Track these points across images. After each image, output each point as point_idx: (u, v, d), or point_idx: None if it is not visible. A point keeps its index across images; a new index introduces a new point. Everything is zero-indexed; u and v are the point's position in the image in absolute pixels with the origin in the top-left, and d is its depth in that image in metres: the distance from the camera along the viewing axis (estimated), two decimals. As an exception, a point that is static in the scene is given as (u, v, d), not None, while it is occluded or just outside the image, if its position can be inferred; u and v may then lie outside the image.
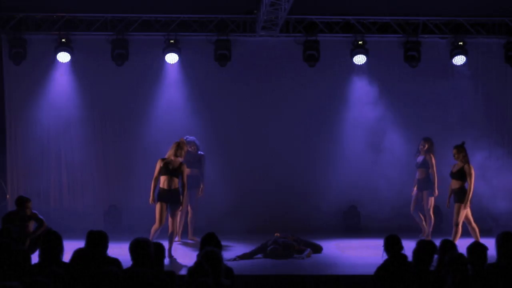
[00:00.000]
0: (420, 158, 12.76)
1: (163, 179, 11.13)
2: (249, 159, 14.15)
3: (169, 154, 11.20)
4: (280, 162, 14.14)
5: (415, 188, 12.73)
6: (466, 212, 11.34)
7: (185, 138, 12.34)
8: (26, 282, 5.41)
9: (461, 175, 11.37)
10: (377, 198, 13.59)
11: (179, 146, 11.24)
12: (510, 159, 14.35)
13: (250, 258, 11.14)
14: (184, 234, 12.80)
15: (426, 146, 12.69)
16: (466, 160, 11.46)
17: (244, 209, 13.90)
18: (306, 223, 13.75)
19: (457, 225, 11.18)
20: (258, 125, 14.23)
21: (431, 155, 12.63)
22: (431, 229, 12.52)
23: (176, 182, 11.19)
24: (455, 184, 11.42)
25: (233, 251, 11.35)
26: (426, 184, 12.60)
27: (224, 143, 14.14)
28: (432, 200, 12.59)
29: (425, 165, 12.64)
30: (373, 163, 13.62)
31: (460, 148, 11.54)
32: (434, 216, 12.68)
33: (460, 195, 11.28)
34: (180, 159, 11.22)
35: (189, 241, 12.65)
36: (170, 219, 11.09)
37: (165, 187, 11.08)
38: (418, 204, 12.73)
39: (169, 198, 11.07)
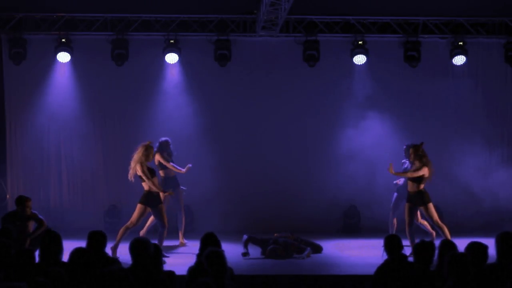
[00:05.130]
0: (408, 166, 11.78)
1: (155, 180, 11.13)
2: (248, 159, 14.15)
3: (142, 159, 10.99)
4: (279, 162, 14.14)
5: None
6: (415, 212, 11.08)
7: (160, 139, 12.32)
8: (31, 282, 5.42)
9: (417, 177, 10.97)
10: (377, 198, 13.58)
11: (148, 149, 11.10)
12: (510, 159, 14.36)
13: (257, 243, 11.32)
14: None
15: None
16: (422, 161, 10.95)
17: (243, 209, 13.92)
18: (306, 223, 13.75)
19: (436, 223, 11.00)
20: (258, 125, 14.23)
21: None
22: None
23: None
24: (410, 185, 11.08)
25: (232, 251, 11.33)
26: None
27: (224, 143, 14.15)
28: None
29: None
30: (373, 163, 13.62)
31: (417, 148, 11.02)
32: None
33: (418, 198, 11.00)
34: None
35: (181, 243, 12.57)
36: (160, 219, 11.10)
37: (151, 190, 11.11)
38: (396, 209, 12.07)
39: (154, 202, 11.08)
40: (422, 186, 11.00)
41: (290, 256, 11.25)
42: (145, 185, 11.10)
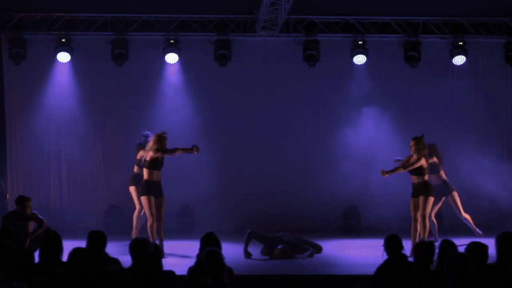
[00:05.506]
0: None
1: (154, 172, 10.99)
2: (248, 159, 14.16)
3: (153, 148, 10.89)
4: (279, 162, 14.14)
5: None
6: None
7: (145, 133, 11.99)
8: (31, 282, 5.41)
9: (418, 169, 10.89)
10: (377, 198, 13.59)
11: (161, 139, 10.98)
12: (510, 158, 14.36)
13: (259, 239, 11.22)
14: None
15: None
16: (420, 153, 10.84)
17: (242, 209, 13.91)
18: (305, 223, 13.74)
19: (422, 218, 10.81)
20: (258, 125, 14.23)
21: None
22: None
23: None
24: (413, 178, 11.00)
25: (231, 251, 11.31)
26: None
27: (224, 143, 14.15)
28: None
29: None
30: (373, 163, 13.62)
31: (418, 140, 10.92)
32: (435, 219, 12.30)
33: (422, 188, 10.88)
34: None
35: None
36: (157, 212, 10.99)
37: (154, 179, 10.97)
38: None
39: (156, 192, 10.97)
40: (426, 177, 10.94)
41: (291, 256, 11.24)
42: (145, 173, 11.01)
